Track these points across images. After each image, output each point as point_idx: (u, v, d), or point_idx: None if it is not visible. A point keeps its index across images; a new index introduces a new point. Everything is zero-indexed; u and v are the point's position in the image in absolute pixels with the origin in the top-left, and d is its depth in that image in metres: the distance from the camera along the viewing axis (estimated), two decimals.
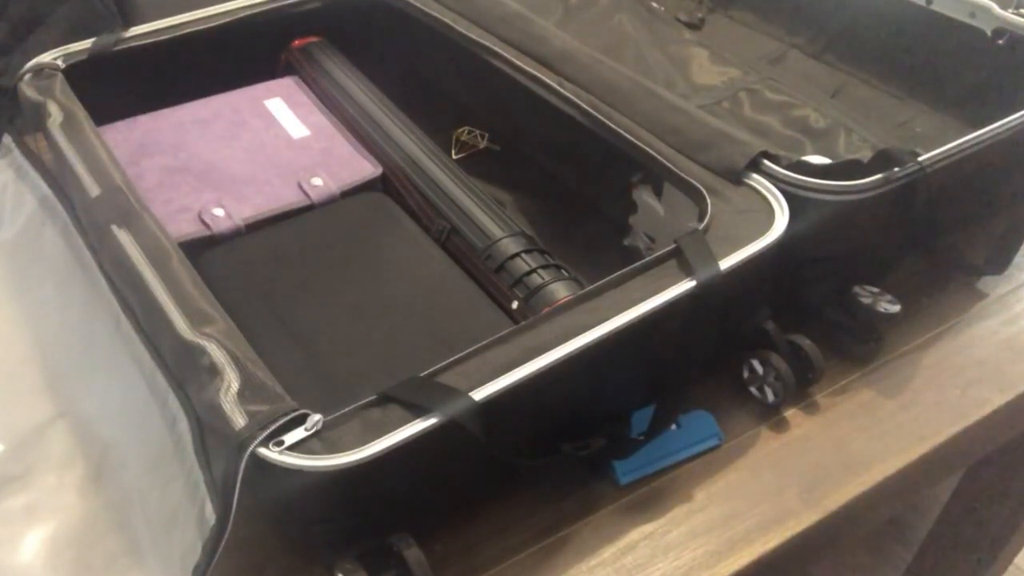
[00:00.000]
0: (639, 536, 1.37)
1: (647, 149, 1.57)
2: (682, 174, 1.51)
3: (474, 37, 1.85)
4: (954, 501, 2.42)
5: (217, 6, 1.95)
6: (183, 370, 1.27)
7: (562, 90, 1.70)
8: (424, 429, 1.15)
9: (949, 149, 1.49)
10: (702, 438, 1.49)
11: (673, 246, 1.37)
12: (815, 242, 1.46)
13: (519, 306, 1.54)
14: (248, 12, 1.97)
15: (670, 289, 1.31)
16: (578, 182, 1.92)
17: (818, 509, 1.41)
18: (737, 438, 1.50)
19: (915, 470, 1.48)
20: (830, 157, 1.75)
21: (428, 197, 1.74)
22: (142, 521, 1.34)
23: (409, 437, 1.14)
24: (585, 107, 1.66)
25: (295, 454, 1.11)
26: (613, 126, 1.62)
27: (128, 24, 1.91)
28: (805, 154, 1.92)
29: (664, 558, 1.35)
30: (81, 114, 1.66)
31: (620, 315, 1.28)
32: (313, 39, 2.11)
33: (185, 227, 1.65)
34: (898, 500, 1.55)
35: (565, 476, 1.43)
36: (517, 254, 1.59)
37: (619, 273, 1.35)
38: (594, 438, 1.38)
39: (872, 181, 1.43)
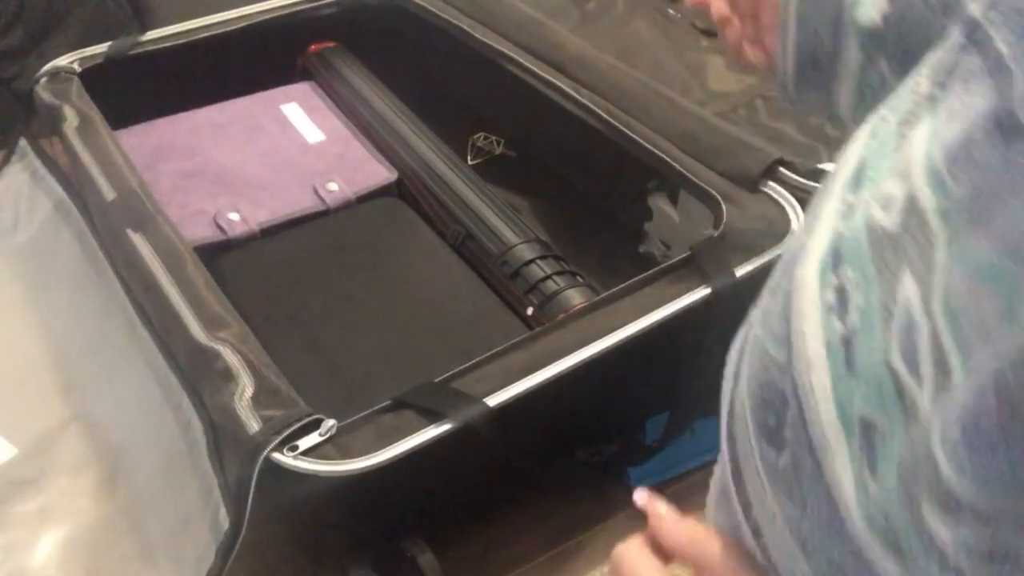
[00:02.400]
0: None
1: (663, 156, 1.56)
2: (698, 181, 1.51)
3: (490, 43, 1.85)
4: None
5: (234, 10, 1.95)
6: (197, 374, 1.27)
7: (578, 96, 1.69)
8: (438, 435, 1.14)
9: None
10: (717, 445, 1.48)
11: (688, 253, 1.37)
12: None
13: (534, 312, 1.54)
14: (265, 17, 1.97)
15: (685, 296, 1.31)
16: (593, 188, 1.91)
17: None
18: None
19: None
20: None
21: (443, 202, 1.74)
22: (155, 525, 1.34)
23: (423, 443, 1.14)
24: (601, 113, 1.66)
25: (309, 459, 1.11)
26: (629, 132, 1.61)
27: (144, 28, 1.91)
28: (821, 161, 1.91)
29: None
30: (97, 118, 1.66)
31: (635, 322, 1.27)
32: (330, 44, 2.11)
33: (200, 231, 1.65)
34: None
35: (579, 482, 1.43)
36: (532, 260, 1.59)
37: (634, 280, 1.34)
38: (608, 444, 1.38)
39: None
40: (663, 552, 0.77)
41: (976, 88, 0.51)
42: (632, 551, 0.77)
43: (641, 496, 0.79)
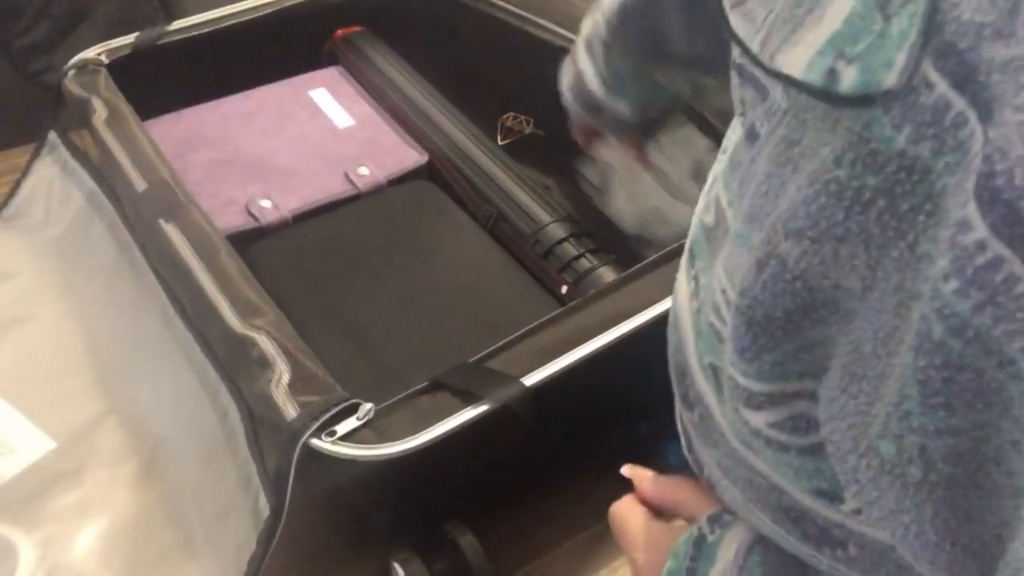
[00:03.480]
0: None
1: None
2: None
3: (517, 21, 1.84)
4: None
5: None
6: (234, 362, 1.27)
7: None
8: (476, 416, 1.14)
9: None
10: None
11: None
12: None
13: (568, 291, 1.53)
14: (290, 3, 1.96)
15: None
16: None
17: None
18: None
19: None
20: None
21: (474, 184, 1.74)
22: (195, 514, 1.34)
23: (461, 424, 1.13)
24: None
25: (347, 444, 1.11)
26: None
27: (171, 18, 1.91)
28: None
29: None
30: (126, 109, 1.66)
31: (670, 295, 1.27)
32: (356, 29, 2.11)
33: (232, 219, 1.65)
34: None
35: (616, 460, 1.43)
36: (565, 239, 1.58)
37: (664, 251, 1.34)
38: (644, 421, 1.37)
39: None
40: (650, 507, 0.96)
41: (751, 111, 0.67)
42: (624, 506, 0.96)
43: (626, 469, 1.02)
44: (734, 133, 0.73)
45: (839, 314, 0.56)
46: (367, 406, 1.14)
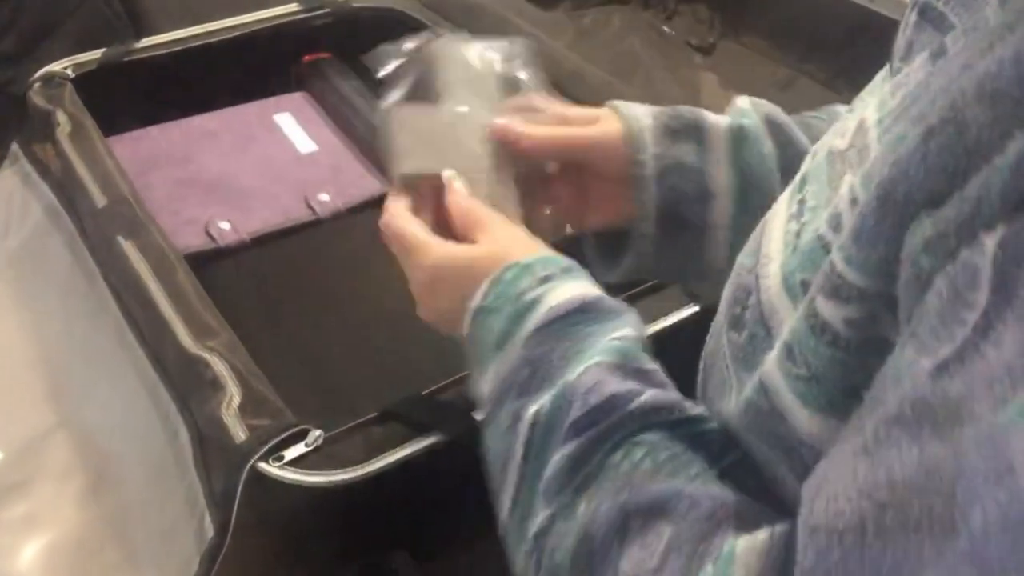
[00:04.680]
0: None
1: None
2: None
3: None
4: None
5: (228, 19, 1.95)
6: (185, 382, 1.27)
7: None
8: (425, 447, 1.14)
9: None
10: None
11: None
12: None
13: None
14: (259, 26, 1.97)
15: (674, 313, 1.31)
16: None
17: None
18: None
19: None
20: None
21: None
22: (141, 532, 1.33)
23: (409, 455, 1.14)
24: None
25: (295, 469, 1.11)
26: None
27: (139, 35, 1.91)
28: None
29: None
30: (90, 124, 1.66)
31: None
32: (324, 55, 2.11)
33: (191, 240, 1.65)
34: None
35: None
36: None
37: (623, 296, 1.34)
38: None
39: None
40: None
41: (919, 52, 0.71)
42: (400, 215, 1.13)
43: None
44: (871, 96, 0.79)
45: None
46: (316, 432, 1.14)
